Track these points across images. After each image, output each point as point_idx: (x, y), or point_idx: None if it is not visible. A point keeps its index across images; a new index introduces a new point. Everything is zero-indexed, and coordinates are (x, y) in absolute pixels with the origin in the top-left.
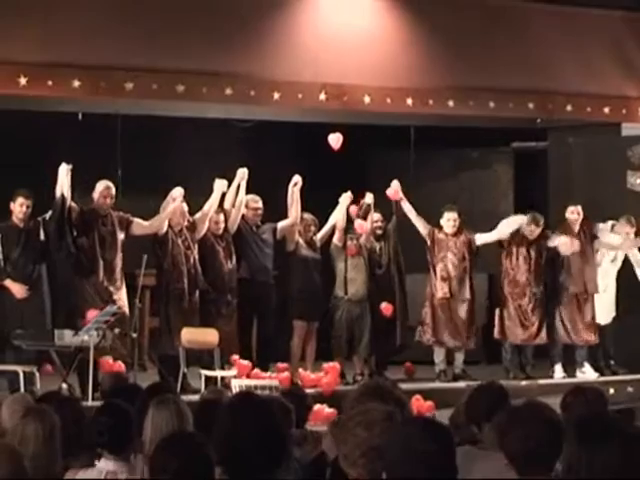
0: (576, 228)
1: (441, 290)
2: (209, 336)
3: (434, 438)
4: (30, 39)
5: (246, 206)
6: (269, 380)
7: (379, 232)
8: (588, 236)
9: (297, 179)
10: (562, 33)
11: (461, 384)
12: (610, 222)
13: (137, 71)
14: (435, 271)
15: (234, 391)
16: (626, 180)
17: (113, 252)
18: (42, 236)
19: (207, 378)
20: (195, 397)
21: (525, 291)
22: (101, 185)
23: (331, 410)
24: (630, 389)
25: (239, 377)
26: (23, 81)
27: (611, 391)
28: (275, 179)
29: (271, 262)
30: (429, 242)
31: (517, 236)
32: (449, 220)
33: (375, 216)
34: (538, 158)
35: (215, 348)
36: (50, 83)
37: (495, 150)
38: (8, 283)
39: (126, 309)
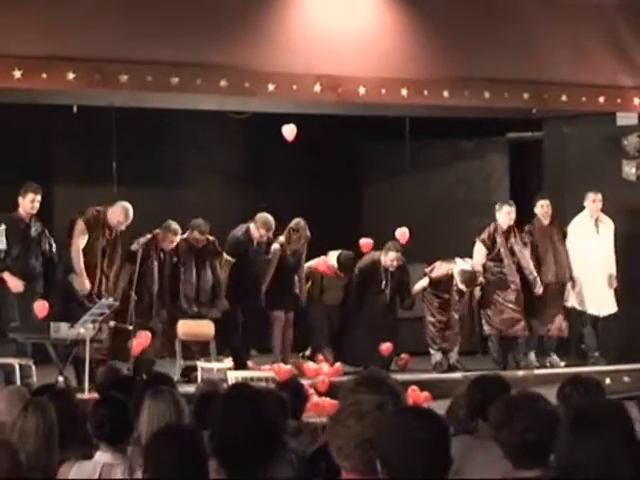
0: (545, 222)
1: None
2: (205, 328)
3: (429, 427)
4: (25, 32)
5: (255, 225)
6: (266, 372)
7: (391, 269)
8: (556, 228)
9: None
10: (557, 23)
11: (457, 375)
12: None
13: (132, 63)
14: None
15: (230, 383)
16: (621, 170)
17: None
18: (47, 246)
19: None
20: (191, 389)
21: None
22: (122, 210)
23: (329, 400)
24: (626, 379)
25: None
26: (18, 74)
27: (607, 381)
28: (270, 170)
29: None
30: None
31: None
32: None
33: (391, 255)
34: (533, 148)
35: (211, 340)
36: (45, 76)
37: (490, 140)
38: (6, 276)
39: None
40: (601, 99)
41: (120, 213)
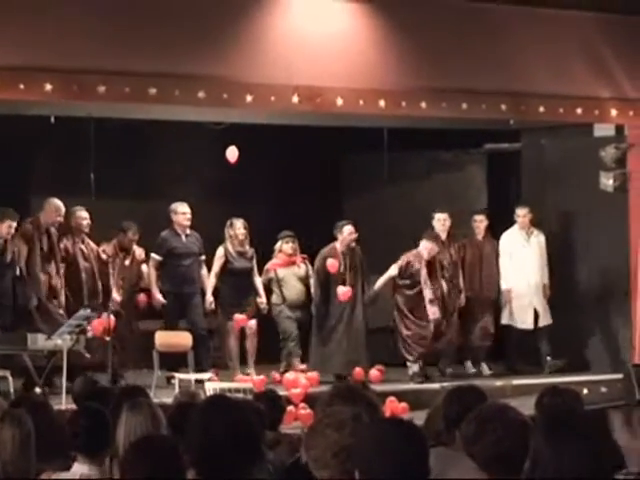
0: (480, 235)
1: (432, 314)
2: (182, 339)
3: (406, 437)
4: (1, 43)
5: (175, 212)
6: (243, 383)
7: (352, 245)
8: (490, 243)
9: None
10: (535, 34)
11: (435, 385)
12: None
13: (109, 74)
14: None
15: (208, 394)
16: (599, 181)
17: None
18: (18, 272)
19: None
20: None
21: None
22: (51, 207)
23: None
24: (604, 389)
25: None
26: None
27: (585, 391)
28: (249, 181)
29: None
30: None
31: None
32: (426, 249)
33: (346, 230)
34: (511, 159)
35: (189, 351)
36: (22, 87)
37: (468, 152)
38: None
39: None
40: (578, 110)
41: (52, 211)
